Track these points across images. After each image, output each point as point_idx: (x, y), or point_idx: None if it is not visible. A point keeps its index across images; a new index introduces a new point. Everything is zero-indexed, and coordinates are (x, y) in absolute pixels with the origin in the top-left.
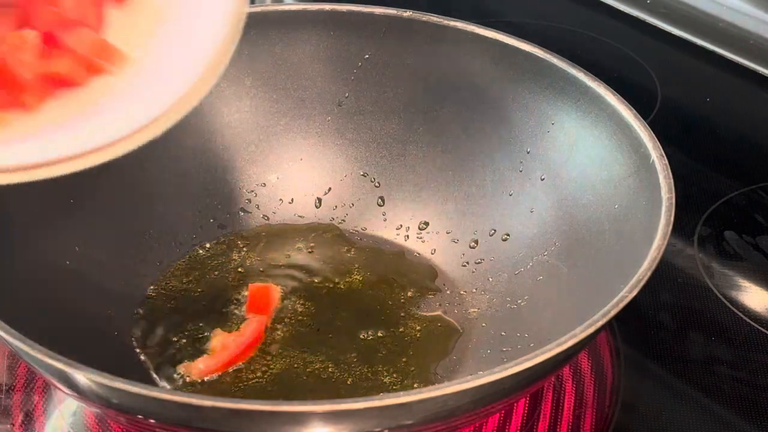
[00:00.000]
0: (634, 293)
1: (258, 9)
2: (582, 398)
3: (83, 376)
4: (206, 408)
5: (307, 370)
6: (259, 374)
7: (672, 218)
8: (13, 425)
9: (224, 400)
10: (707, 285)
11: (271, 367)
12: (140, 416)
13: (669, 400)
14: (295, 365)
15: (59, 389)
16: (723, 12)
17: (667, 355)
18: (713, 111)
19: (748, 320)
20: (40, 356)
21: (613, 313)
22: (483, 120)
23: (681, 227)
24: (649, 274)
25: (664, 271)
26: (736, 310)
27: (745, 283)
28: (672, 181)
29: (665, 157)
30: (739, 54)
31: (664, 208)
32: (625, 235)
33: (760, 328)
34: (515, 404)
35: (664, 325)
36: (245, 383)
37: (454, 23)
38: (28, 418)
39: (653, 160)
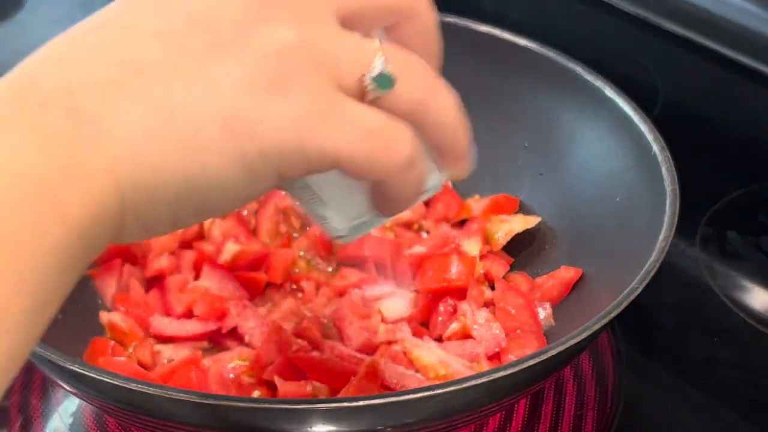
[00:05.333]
0: (644, 284)
1: None
2: (583, 399)
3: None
4: (207, 405)
5: None
6: None
7: (677, 209)
8: (11, 429)
9: (227, 398)
10: (709, 285)
11: None
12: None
13: (671, 401)
14: None
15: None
16: (726, 11)
17: (669, 356)
18: (715, 110)
19: (750, 321)
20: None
21: (624, 305)
22: (479, 115)
23: (683, 227)
24: (657, 265)
25: (665, 271)
26: (738, 311)
27: (747, 284)
28: (675, 172)
29: (667, 149)
30: (742, 53)
31: (668, 200)
32: (628, 228)
33: (762, 328)
34: (516, 405)
35: (666, 326)
36: None
37: (448, 18)
38: (27, 420)
39: (655, 152)
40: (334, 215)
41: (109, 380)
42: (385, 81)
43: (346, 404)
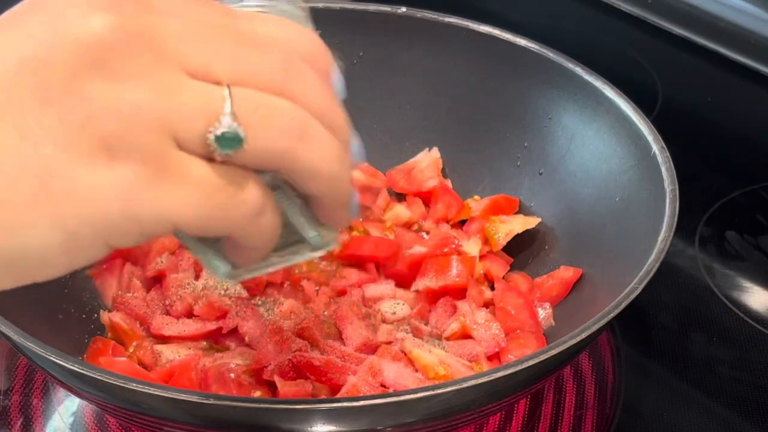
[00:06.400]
0: (644, 284)
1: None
2: (583, 399)
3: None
4: (207, 405)
5: None
6: None
7: (677, 209)
8: (12, 429)
9: (228, 398)
10: (708, 285)
11: None
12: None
13: (670, 401)
14: None
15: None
16: (724, 11)
17: (668, 356)
18: (714, 110)
19: (749, 320)
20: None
21: (623, 305)
22: (479, 115)
23: (682, 227)
24: (657, 265)
25: (665, 271)
26: (737, 311)
27: (746, 284)
28: (674, 172)
29: (666, 149)
30: (741, 53)
31: (668, 200)
32: (628, 228)
33: (761, 328)
34: (516, 405)
35: (665, 326)
36: None
37: (449, 19)
38: (27, 419)
39: (654, 152)
40: (213, 258)
41: (109, 380)
42: (230, 141)
43: (346, 404)
